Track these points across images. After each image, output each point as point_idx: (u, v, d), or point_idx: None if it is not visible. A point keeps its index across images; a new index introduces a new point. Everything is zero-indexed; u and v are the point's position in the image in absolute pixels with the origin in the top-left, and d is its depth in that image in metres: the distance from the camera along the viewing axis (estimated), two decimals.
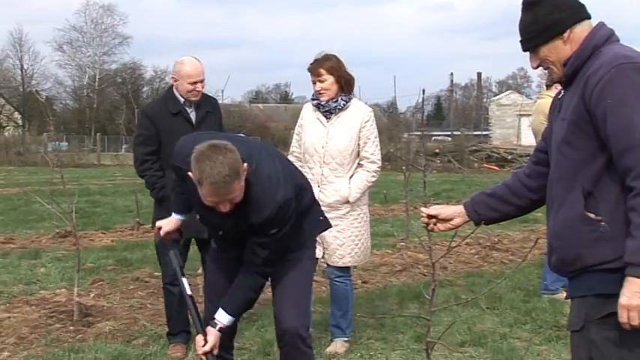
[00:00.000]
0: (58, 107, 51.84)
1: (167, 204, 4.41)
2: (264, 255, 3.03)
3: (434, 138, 35.98)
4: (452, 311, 5.21)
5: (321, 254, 4.31)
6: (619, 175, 2.14)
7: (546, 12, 2.28)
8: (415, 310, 5.31)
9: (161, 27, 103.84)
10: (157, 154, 4.50)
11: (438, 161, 25.38)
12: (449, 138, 34.86)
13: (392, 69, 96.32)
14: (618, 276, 2.11)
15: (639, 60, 2.18)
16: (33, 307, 5.42)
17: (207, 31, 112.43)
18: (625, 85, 2.13)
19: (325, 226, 3.43)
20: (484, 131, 40.57)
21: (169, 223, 3.38)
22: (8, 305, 5.53)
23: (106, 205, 12.73)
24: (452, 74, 61.17)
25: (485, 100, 57.97)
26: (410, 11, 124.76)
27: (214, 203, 2.84)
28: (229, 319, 3.08)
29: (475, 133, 37.00)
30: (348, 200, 4.32)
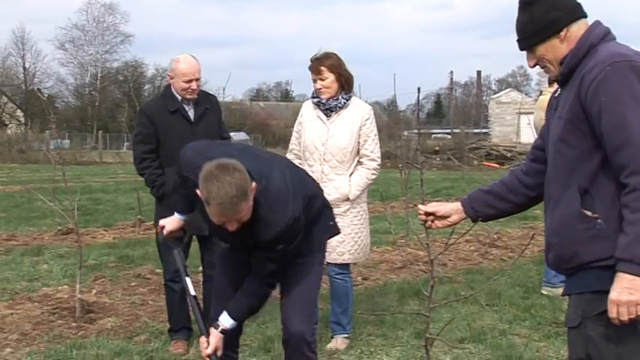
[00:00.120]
0: (60, 105, 51.89)
1: (168, 202, 4.44)
2: (271, 268, 3.04)
3: (434, 136, 35.92)
4: (451, 308, 5.21)
5: None
6: (614, 173, 2.15)
7: (543, 11, 2.29)
8: (415, 307, 5.31)
9: (162, 25, 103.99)
10: (156, 152, 4.51)
11: (438, 159, 25.36)
12: (449, 136, 34.76)
13: (392, 67, 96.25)
14: (614, 273, 2.12)
15: (634, 58, 2.19)
16: (35, 304, 5.44)
17: (208, 29, 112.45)
18: (619, 83, 2.14)
19: (335, 232, 3.41)
20: (484, 129, 40.39)
21: (172, 222, 3.35)
22: (11, 302, 5.55)
23: (108, 203, 12.75)
24: (452, 72, 61.31)
25: (484, 98, 57.78)
26: (410, 9, 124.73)
27: (221, 222, 2.84)
28: (232, 323, 3.11)
29: (475, 131, 36.83)
30: (348, 198, 4.33)
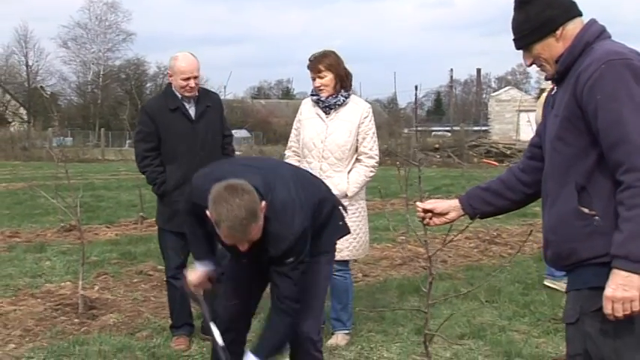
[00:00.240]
0: (63, 103, 52.04)
1: (168, 199, 4.49)
2: (287, 285, 2.97)
3: (434, 133, 35.91)
4: (451, 304, 5.24)
5: None
6: (611, 170, 2.17)
7: (539, 10, 2.30)
8: (415, 303, 5.32)
9: (164, 23, 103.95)
10: (158, 150, 4.52)
11: (438, 156, 25.35)
12: (449, 133, 34.73)
13: (393, 65, 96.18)
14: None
15: (629, 56, 2.20)
16: (38, 300, 5.46)
17: (210, 28, 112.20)
18: (614, 81, 2.15)
19: (345, 231, 3.40)
20: (483, 127, 40.37)
21: (196, 275, 3.20)
22: (14, 298, 5.57)
23: (110, 200, 12.77)
24: (451, 70, 61.33)
25: (484, 96, 57.71)
26: (410, 7, 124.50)
27: (232, 243, 2.84)
28: None
29: (474, 129, 36.86)
30: (347, 195, 4.34)
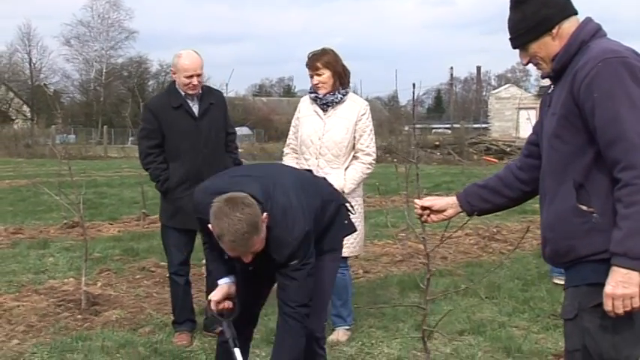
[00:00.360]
0: (66, 100, 52.04)
1: (171, 196, 4.52)
2: (293, 287, 2.96)
3: (434, 131, 35.84)
4: (451, 300, 5.27)
5: None
6: (608, 168, 2.18)
7: (534, 9, 2.32)
8: (416, 299, 5.34)
9: (166, 21, 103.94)
10: (161, 147, 4.55)
11: (439, 153, 25.36)
12: (449, 131, 34.69)
13: (393, 63, 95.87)
14: (610, 266, 2.15)
15: (625, 54, 2.22)
16: (42, 296, 5.50)
17: (212, 26, 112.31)
18: (611, 79, 2.17)
19: (351, 230, 3.40)
20: (483, 124, 40.35)
21: (217, 293, 3.18)
22: (17, 294, 5.61)
23: (113, 197, 12.81)
24: (452, 68, 61.48)
25: (484, 94, 57.70)
26: (411, 5, 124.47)
27: (235, 256, 2.87)
28: None
29: (474, 126, 36.88)
30: (343, 191, 4.34)
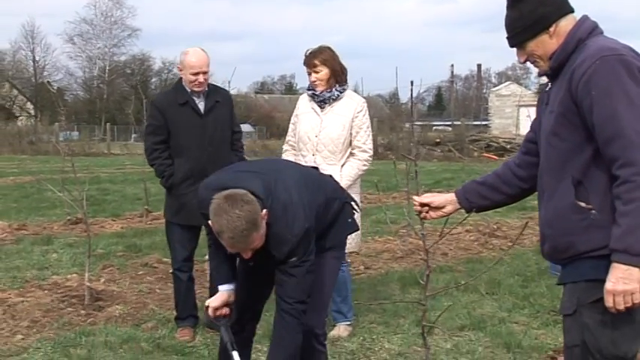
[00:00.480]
0: (69, 98, 52.14)
1: (176, 192, 4.56)
2: (291, 283, 2.97)
3: (435, 128, 35.77)
4: (452, 296, 5.30)
5: None
6: (606, 165, 2.20)
7: (531, 8, 2.33)
8: (416, 295, 5.36)
9: (169, 19, 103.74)
10: (166, 143, 4.59)
11: (439, 150, 25.34)
12: (449, 128, 34.60)
13: (395, 60, 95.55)
14: (609, 262, 2.17)
15: (622, 52, 2.23)
16: (45, 292, 5.53)
17: (214, 23, 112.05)
18: (609, 77, 2.18)
19: (354, 228, 3.41)
20: (484, 121, 40.33)
21: (216, 300, 3.20)
22: (22, 290, 5.64)
23: (116, 193, 12.85)
24: (452, 66, 61.41)
25: (485, 91, 57.71)
26: (412, 3, 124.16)
27: (235, 252, 2.89)
28: None
29: (475, 123, 36.81)
30: None
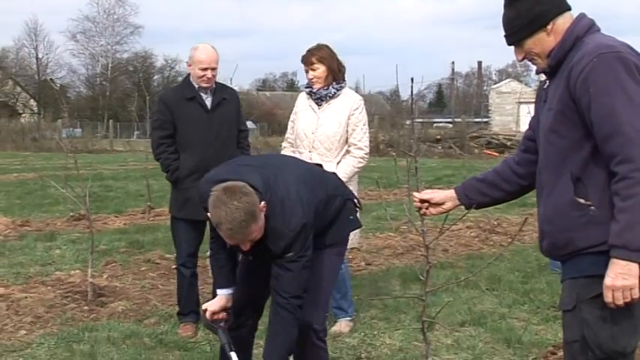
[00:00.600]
0: (72, 95, 52.35)
1: (181, 186, 4.59)
2: (287, 278, 2.97)
3: (435, 125, 35.75)
4: (452, 292, 5.32)
5: None
6: (605, 161, 2.21)
7: (529, 6, 2.35)
8: (417, 291, 5.35)
9: (171, 17, 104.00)
10: (173, 138, 4.63)
11: (440, 147, 25.35)
12: (450, 125, 34.56)
13: (396, 58, 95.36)
14: (608, 258, 2.19)
15: (620, 49, 2.24)
16: (49, 288, 5.56)
17: (216, 21, 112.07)
18: (606, 74, 2.20)
19: (356, 225, 3.42)
20: (484, 118, 40.28)
21: (214, 304, 3.23)
22: (25, 286, 5.67)
23: (119, 190, 12.89)
24: (453, 63, 61.82)
25: (485, 88, 57.68)
26: (413, 1, 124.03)
27: (234, 244, 2.91)
28: None
29: (475, 120, 36.77)
30: None
